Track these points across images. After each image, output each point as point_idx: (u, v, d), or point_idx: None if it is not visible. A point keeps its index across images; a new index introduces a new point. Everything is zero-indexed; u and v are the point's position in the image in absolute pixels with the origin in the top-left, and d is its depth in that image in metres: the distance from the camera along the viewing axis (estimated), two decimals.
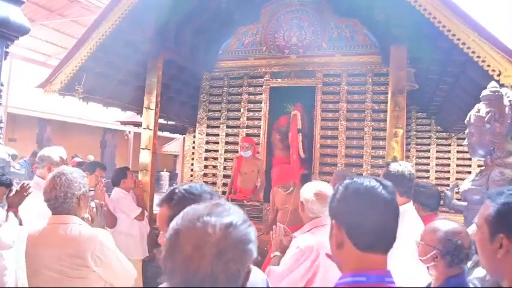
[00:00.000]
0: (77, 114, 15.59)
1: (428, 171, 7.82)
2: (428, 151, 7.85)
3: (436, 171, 7.78)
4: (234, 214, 1.02)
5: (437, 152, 7.82)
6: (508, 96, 2.72)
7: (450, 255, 2.06)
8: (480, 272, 2.27)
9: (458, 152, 7.51)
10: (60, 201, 2.34)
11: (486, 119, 2.69)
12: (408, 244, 2.37)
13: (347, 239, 1.32)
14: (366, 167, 5.99)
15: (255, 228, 1.05)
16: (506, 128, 2.67)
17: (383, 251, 1.34)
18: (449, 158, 7.74)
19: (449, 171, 7.67)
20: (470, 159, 6.76)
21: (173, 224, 1.01)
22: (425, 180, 7.41)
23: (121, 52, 6.17)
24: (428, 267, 2.16)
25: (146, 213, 5.20)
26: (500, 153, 2.65)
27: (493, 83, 2.86)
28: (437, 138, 7.82)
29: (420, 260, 2.16)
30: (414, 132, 7.93)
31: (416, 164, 7.88)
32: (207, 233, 0.95)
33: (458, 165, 7.60)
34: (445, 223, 2.19)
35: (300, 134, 6.23)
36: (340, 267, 1.37)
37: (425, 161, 7.87)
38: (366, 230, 1.31)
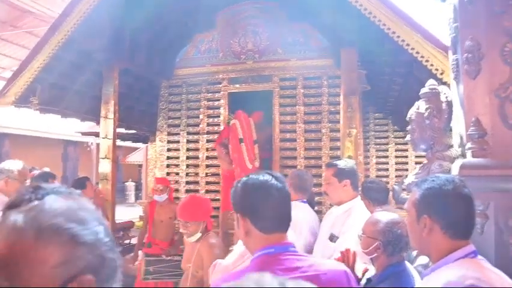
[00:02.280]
0: (37, 127, 15.32)
1: (387, 169, 8.04)
2: (387, 150, 8.08)
3: (396, 170, 8.01)
4: None
5: (395, 150, 8.06)
6: (445, 93, 2.86)
7: (391, 245, 2.17)
8: (423, 259, 2.39)
9: (412, 149, 7.72)
10: None
11: (425, 115, 2.81)
12: (355, 237, 2.47)
13: (252, 227, 1.55)
14: (324, 167, 6.09)
15: None
16: (444, 122, 2.81)
17: (283, 230, 1.59)
18: (407, 157, 7.98)
19: (407, 169, 7.89)
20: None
21: None
22: (384, 178, 7.62)
23: (76, 62, 6.16)
24: (371, 259, 2.25)
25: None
26: (440, 147, 2.78)
27: (431, 81, 2.99)
28: (394, 137, 8.06)
29: (364, 252, 2.26)
30: (372, 133, 8.15)
31: (376, 163, 8.10)
32: None
33: (416, 163, 7.83)
34: (384, 215, 2.31)
35: (243, 144, 5.94)
36: (250, 250, 1.62)
37: (384, 160, 8.08)
38: (267, 216, 1.55)
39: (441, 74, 4.17)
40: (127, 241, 8.37)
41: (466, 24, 2.59)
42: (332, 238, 2.87)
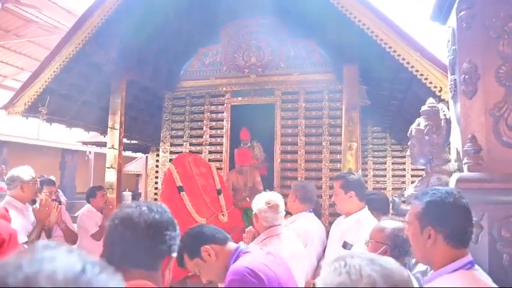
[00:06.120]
0: (36, 136, 15.33)
1: (385, 182, 8.19)
2: (385, 163, 8.23)
3: (392, 182, 8.16)
4: None
5: (392, 164, 8.21)
6: (444, 111, 3.03)
7: (398, 248, 2.33)
8: (422, 266, 2.54)
9: (412, 163, 7.89)
10: None
11: (425, 131, 2.97)
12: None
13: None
14: (324, 179, 6.24)
15: None
16: (442, 139, 2.96)
17: None
18: (404, 169, 8.13)
19: (404, 182, 8.05)
20: (423, 169, 7.11)
21: None
22: (382, 190, 7.77)
23: (85, 74, 6.31)
24: None
25: None
26: (438, 161, 2.93)
27: (430, 99, 3.15)
28: (392, 150, 8.22)
29: None
30: (370, 146, 8.31)
31: (374, 175, 8.25)
32: None
33: (412, 176, 8.00)
34: (391, 222, 2.47)
35: (184, 193, 4.89)
36: None
37: (381, 172, 8.23)
38: None
39: (440, 91, 4.34)
40: None
41: (463, 47, 2.77)
42: (346, 246, 3.01)
